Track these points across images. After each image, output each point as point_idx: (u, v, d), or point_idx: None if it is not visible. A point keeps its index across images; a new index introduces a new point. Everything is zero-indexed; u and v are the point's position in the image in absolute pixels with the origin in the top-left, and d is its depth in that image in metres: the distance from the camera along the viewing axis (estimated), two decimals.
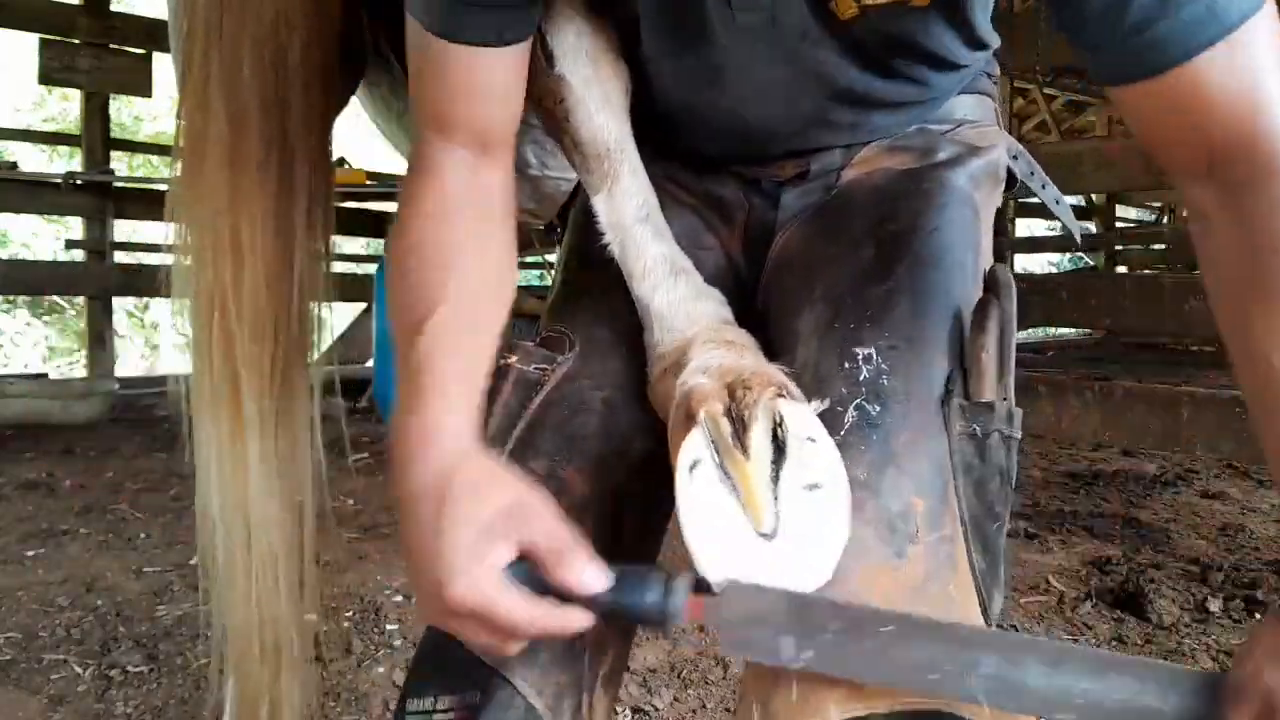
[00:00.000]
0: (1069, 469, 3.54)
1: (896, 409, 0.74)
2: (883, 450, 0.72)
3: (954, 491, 0.73)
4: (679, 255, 0.86)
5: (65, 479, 3.33)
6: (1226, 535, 2.69)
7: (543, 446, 0.81)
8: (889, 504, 0.70)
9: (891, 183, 0.88)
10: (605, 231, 0.86)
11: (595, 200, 0.86)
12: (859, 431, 0.73)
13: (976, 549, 0.73)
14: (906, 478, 0.71)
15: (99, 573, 2.34)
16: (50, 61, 5.21)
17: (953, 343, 0.79)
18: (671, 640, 1.92)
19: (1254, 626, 1.98)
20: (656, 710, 1.63)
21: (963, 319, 0.80)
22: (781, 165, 0.92)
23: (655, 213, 0.87)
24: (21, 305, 10.86)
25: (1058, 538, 2.64)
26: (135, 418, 4.72)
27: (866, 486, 0.70)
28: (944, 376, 0.77)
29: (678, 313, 0.82)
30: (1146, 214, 12.51)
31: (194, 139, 1.06)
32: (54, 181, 5.35)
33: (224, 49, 1.02)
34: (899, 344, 0.77)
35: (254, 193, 1.05)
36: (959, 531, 0.73)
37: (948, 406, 0.75)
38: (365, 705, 1.66)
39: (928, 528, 0.71)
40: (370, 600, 2.16)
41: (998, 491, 0.76)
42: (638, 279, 0.84)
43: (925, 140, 0.91)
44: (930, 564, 0.70)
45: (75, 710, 1.64)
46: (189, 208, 1.08)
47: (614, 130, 0.84)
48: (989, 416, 0.75)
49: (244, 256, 1.05)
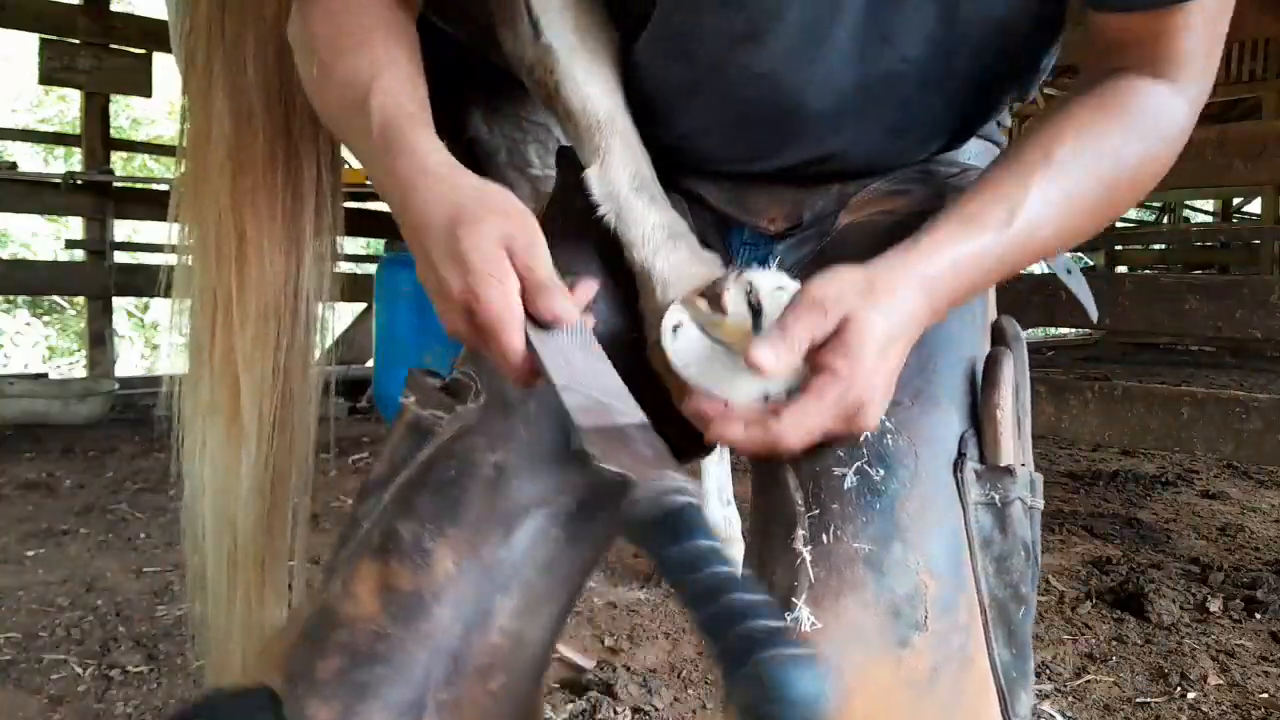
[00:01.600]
0: (1069, 469, 3.55)
1: (903, 473, 0.66)
2: (887, 521, 0.65)
3: (971, 570, 0.66)
4: (676, 220, 0.83)
5: (65, 479, 3.33)
6: (1226, 535, 2.69)
7: (419, 508, 0.72)
8: (894, 585, 0.63)
9: (891, 229, 0.80)
10: (600, 203, 0.82)
11: (589, 172, 0.83)
12: (860, 499, 0.66)
13: (999, 639, 0.66)
14: (915, 553, 0.64)
15: (99, 573, 2.34)
16: (50, 61, 5.20)
17: (964, 399, 0.72)
18: (672, 640, 1.92)
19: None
20: (656, 710, 1.63)
21: (974, 373, 0.74)
22: (771, 211, 0.87)
23: (650, 182, 0.84)
24: (21, 305, 10.86)
25: (1057, 538, 2.64)
26: (135, 418, 4.72)
27: (869, 564, 0.63)
28: (956, 437, 0.70)
29: (680, 276, 0.81)
30: (1146, 214, 12.51)
31: (197, 139, 1.05)
32: (54, 181, 5.34)
33: (226, 48, 1.01)
34: (904, 399, 0.69)
35: (259, 193, 1.04)
36: (977, 618, 0.65)
37: (961, 471, 0.68)
38: None
39: (938, 613, 0.63)
40: None
41: (1022, 569, 0.69)
42: (636, 246, 0.82)
43: (927, 186, 0.85)
44: (938, 655, 0.62)
45: (75, 710, 1.64)
46: (193, 208, 1.07)
47: (604, 102, 0.83)
48: (1009, 482, 0.69)
49: (248, 257, 1.05)
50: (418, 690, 0.67)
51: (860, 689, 0.60)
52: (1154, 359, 7.83)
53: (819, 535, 0.65)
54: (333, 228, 1.13)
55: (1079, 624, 2.02)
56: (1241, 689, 1.72)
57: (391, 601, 0.69)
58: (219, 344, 1.06)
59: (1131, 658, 1.85)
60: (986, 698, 0.64)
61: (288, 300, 1.08)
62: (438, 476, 0.73)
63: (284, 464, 1.11)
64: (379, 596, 0.69)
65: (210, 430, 1.08)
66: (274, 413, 1.09)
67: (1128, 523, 2.81)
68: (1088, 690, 1.72)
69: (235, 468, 1.08)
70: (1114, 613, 2.09)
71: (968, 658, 0.64)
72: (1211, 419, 2.15)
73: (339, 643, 0.68)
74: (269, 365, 1.08)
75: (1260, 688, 1.72)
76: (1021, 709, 0.66)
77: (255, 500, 1.09)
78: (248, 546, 1.10)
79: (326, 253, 1.13)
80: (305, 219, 1.08)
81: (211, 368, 1.07)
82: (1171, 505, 3.05)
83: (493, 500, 0.71)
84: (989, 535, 0.68)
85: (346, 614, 0.70)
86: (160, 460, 3.67)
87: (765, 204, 0.87)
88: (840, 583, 0.63)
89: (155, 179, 7.09)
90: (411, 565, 0.69)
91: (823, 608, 0.63)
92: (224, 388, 1.07)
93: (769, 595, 0.62)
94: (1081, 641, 1.93)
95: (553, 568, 0.72)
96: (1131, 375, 6.14)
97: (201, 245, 1.06)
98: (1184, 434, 2.20)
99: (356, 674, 0.67)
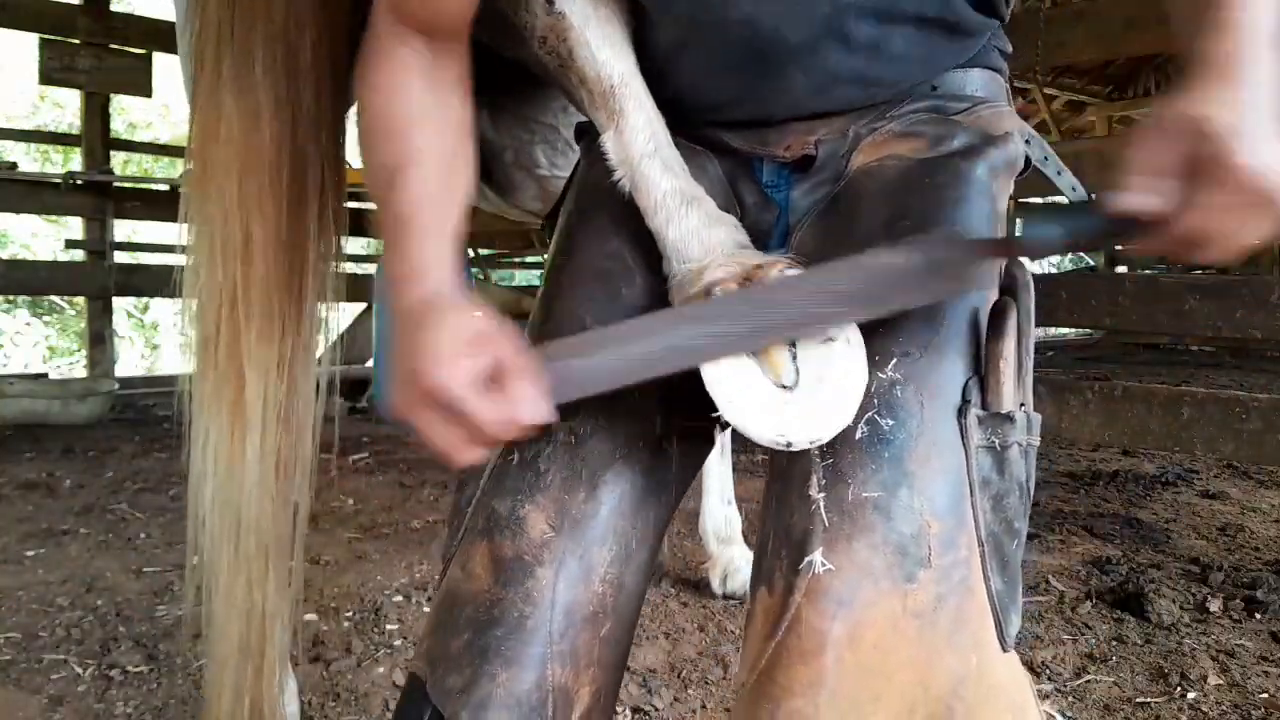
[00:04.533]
0: (1069, 469, 3.54)
1: (911, 423, 0.71)
2: (895, 469, 0.69)
3: (971, 509, 0.71)
4: (690, 185, 0.85)
5: (65, 479, 3.33)
6: (1226, 535, 2.69)
7: (508, 484, 0.80)
8: (900, 527, 0.68)
9: (904, 175, 0.84)
10: (616, 168, 0.86)
11: (604, 138, 0.86)
12: (870, 448, 0.70)
13: (994, 569, 0.71)
14: (921, 498, 0.69)
15: (99, 573, 2.34)
16: (50, 61, 5.20)
17: (969, 348, 0.75)
18: (672, 640, 1.92)
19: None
20: (656, 710, 1.63)
21: (979, 322, 0.77)
22: (786, 140, 0.89)
23: (665, 146, 0.86)
24: (21, 305, 10.86)
25: (1057, 537, 2.64)
26: (135, 418, 4.72)
27: (878, 509, 0.68)
28: (960, 385, 0.73)
29: (691, 242, 0.82)
30: None
31: (205, 139, 1.06)
32: (54, 181, 5.35)
33: (235, 49, 1.02)
34: (913, 350, 0.74)
35: (265, 193, 1.05)
36: (975, 552, 0.70)
37: (965, 418, 0.72)
38: (365, 705, 1.66)
39: (941, 550, 0.68)
40: (370, 600, 2.16)
41: (1017, 506, 0.74)
42: (650, 213, 0.84)
43: (939, 126, 0.87)
44: (942, 588, 0.68)
45: (75, 710, 1.64)
46: (200, 207, 1.08)
47: (617, 66, 0.85)
48: (1009, 428, 0.73)
49: (254, 257, 1.05)
50: (539, 645, 0.75)
51: (871, 621, 0.66)
52: (1154, 359, 7.83)
53: (833, 483, 0.70)
54: (336, 227, 1.14)
55: (1079, 624, 2.02)
56: (1241, 689, 1.72)
57: (500, 570, 0.77)
58: (224, 340, 1.07)
59: (1131, 658, 1.85)
60: (985, 622, 0.70)
61: (292, 298, 1.09)
62: (521, 453, 0.81)
63: (288, 458, 1.13)
64: (490, 569, 0.77)
65: (215, 423, 1.09)
66: (279, 408, 1.10)
67: (1128, 523, 2.81)
68: (1088, 690, 1.72)
69: (240, 460, 1.09)
70: (1114, 613, 2.09)
71: (968, 589, 0.69)
72: (1211, 419, 2.15)
73: (466, 618, 0.77)
74: (274, 362, 1.09)
75: (1260, 688, 1.72)
76: (1011, 630, 0.72)
77: (260, 493, 1.10)
78: (252, 538, 1.11)
79: (330, 252, 1.14)
80: (309, 219, 1.09)
81: (217, 363, 1.07)
82: (1171, 505, 3.05)
83: (573, 463, 0.79)
84: (988, 476, 0.72)
85: (467, 592, 0.78)
86: (160, 460, 3.67)
87: (777, 137, 0.91)
88: (852, 527, 0.68)
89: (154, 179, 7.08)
90: (510, 534, 0.77)
91: (836, 550, 0.68)
92: (229, 383, 1.07)
93: (787, 539, 0.71)
94: (1081, 641, 1.93)
95: (639, 515, 0.81)
96: (1131, 375, 6.14)
97: (208, 244, 1.06)
98: (1184, 434, 2.20)
99: (480, 640, 0.75)
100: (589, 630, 0.77)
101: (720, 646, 1.90)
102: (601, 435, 0.80)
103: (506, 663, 0.74)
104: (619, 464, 0.80)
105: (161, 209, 5.94)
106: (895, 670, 0.66)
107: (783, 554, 0.71)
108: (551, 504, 0.78)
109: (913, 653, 0.67)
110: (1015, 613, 0.73)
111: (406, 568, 2.40)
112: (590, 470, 0.79)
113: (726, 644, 1.91)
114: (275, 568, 1.14)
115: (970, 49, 0.90)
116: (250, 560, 1.11)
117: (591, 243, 0.91)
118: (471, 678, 0.74)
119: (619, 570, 0.79)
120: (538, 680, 0.74)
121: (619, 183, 0.86)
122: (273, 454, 1.11)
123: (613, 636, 0.79)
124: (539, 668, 0.74)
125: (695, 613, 2.09)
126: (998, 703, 0.70)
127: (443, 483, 3.27)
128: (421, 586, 2.26)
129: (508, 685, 0.74)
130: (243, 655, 1.14)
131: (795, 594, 0.68)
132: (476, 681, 0.74)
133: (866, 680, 0.66)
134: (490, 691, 0.73)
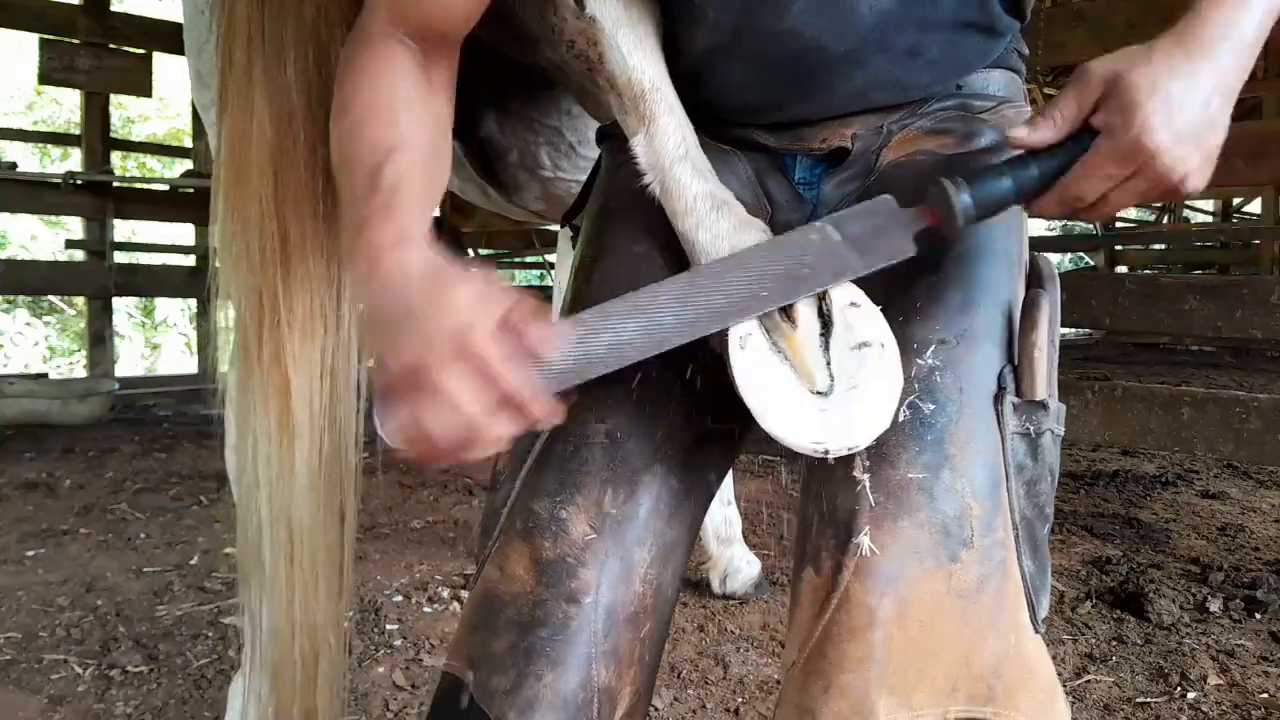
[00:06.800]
0: (1069, 469, 3.54)
1: (950, 408, 0.73)
2: (937, 451, 0.71)
3: (1006, 493, 0.72)
4: (720, 189, 0.85)
5: (65, 479, 3.33)
6: (1226, 535, 2.69)
7: (547, 486, 0.80)
8: (944, 507, 0.70)
9: (933, 168, 0.85)
10: (645, 172, 0.86)
11: (634, 142, 0.86)
12: (913, 431, 0.72)
13: (1026, 552, 0.73)
14: (962, 480, 0.70)
15: (99, 573, 2.34)
16: (50, 61, 5.21)
17: (1003, 336, 0.77)
18: (671, 640, 1.92)
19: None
20: (656, 710, 1.63)
21: (1012, 312, 0.79)
22: (822, 134, 0.91)
23: (695, 150, 0.86)
24: (21, 305, 10.85)
25: (1057, 537, 2.64)
26: (135, 418, 4.72)
27: (922, 489, 0.70)
28: (996, 373, 0.75)
29: (721, 247, 0.82)
30: (1146, 214, 12.51)
31: (237, 141, 1.05)
32: (54, 181, 5.35)
33: (266, 49, 1.01)
34: (950, 338, 0.75)
35: (301, 194, 1.04)
36: (1010, 535, 0.72)
37: (1001, 404, 0.74)
38: (365, 705, 1.66)
39: (982, 531, 0.70)
40: (370, 600, 2.16)
41: (1048, 492, 0.76)
42: (680, 217, 0.84)
43: (966, 124, 0.90)
44: (984, 568, 0.69)
45: (75, 710, 1.64)
46: (234, 209, 1.07)
47: (649, 70, 0.85)
48: (1042, 415, 0.75)
49: (291, 258, 1.04)
50: (583, 645, 0.75)
51: (917, 599, 0.68)
52: (1154, 359, 7.83)
53: (877, 464, 0.71)
54: None
55: (1079, 624, 2.02)
56: (1241, 689, 1.72)
57: (542, 572, 0.77)
58: (267, 344, 1.06)
59: (1131, 658, 1.85)
60: (1020, 603, 0.72)
61: (331, 300, 1.08)
62: (558, 455, 0.81)
63: (334, 461, 1.12)
64: (531, 571, 0.77)
65: (262, 429, 1.08)
66: (324, 411, 1.09)
67: (1128, 523, 2.82)
68: (1088, 690, 1.72)
69: (289, 465, 1.08)
70: (1114, 613, 2.09)
71: (1005, 571, 0.71)
72: (1211, 419, 2.15)
73: (507, 619, 0.77)
74: (317, 364, 1.08)
75: (1260, 688, 1.72)
76: (1041, 612, 0.74)
77: (309, 497, 1.10)
78: (303, 543, 1.10)
79: None
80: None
81: (261, 368, 1.06)
82: (1171, 505, 3.05)
83: (612, 465, 0.80)
84: (1022, 462, 0.74)
85: (507, 593, 0.78)
86: (160, 460, 3.67)
87: (812, 134, 0.92)
88: (898, 507, 0.70)
89: (154, 179, 7.08)
90: (552, 536, 0.77)
91: (882, 529, 0.69)
92: (274, 386, 1.06)
93: (833, 519, 0.72)
94: (1081, 641, 1.93)
95: (675, 516, 0.81)
96: (1131, 375, 6.14)
97: (245, 246, 1.06)
98: (1184, 434, 2.19)
99: (524, 641, 0.75)
100: (631, 630, 0.78)
101: (720, 646, 1.90)
102: (639, 438, 0.81)
103: (552, 663, 0.74)
104: (657, 466, 0.81)
105: (161, 209, 5.96)
106: (940, 648, 0.68)
107: (829, 534, 0.72)
108: (592, 505, 0.78)
109: (957, 631, 0.68)
110: (1045, 595, 0.75)
111: (406, 568, 2.40)
112: (630, 472, 0.80)
113: (726, 644, 1.91)
114: (325, 577, 1.13)
115: (996, 50, 0.93)
116: (303, 570, 1.11)
117: (620, 245, 0.91)
118: (517, 679, 0.74)
119: (658, 571, 0.80)
120: (583, 681, 0.75)
121: (648, 187, 0.86)
122: (320, 456, 1.10)
123: (652, 636, 0.80)
124: (584, 668, 0.75)
125: (695, 613, 2.09)
126: (1033, 682, 0.71)
127: (443, 483, 3.27)
128: (421, 586, 2.26)
129: (554, 686, 0.74)
130: (296, 666, 1.13)
131: (844, 572, 0.69)
132: (522, 682, 0.74)
133: (914, 657, 0.67)
134: (537, 692, 0.74)
